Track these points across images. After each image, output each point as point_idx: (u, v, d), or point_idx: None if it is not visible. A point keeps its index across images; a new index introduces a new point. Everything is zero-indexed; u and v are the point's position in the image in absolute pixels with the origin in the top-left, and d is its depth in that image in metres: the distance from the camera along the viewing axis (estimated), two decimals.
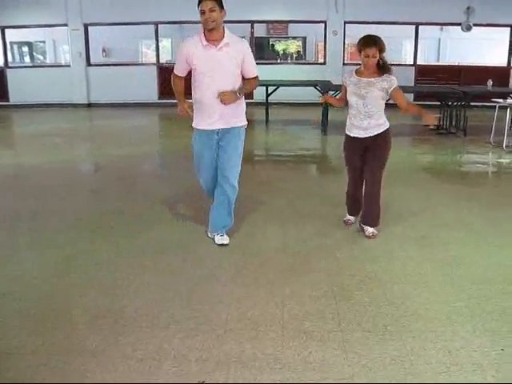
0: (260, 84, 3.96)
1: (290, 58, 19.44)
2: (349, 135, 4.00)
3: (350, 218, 4.30)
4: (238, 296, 3.06)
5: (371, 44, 3.66)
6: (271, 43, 19.89)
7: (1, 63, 13.27)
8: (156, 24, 12.98)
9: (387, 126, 3.91)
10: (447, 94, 9.23)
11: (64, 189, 5.55)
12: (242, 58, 3.58)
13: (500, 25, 12.81)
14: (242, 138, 3.77)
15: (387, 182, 4.12)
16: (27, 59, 19.24)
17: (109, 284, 3.23)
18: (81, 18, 12.64)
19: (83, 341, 2.58)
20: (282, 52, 19.91)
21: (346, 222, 4.29)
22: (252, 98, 10.07)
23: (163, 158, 7.77)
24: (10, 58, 14.39)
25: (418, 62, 13.59)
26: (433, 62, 18.71)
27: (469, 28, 12.52)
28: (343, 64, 12.81)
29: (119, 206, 4.86)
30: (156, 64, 13.50)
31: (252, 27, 13.15)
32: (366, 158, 3.93)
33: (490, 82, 9.05)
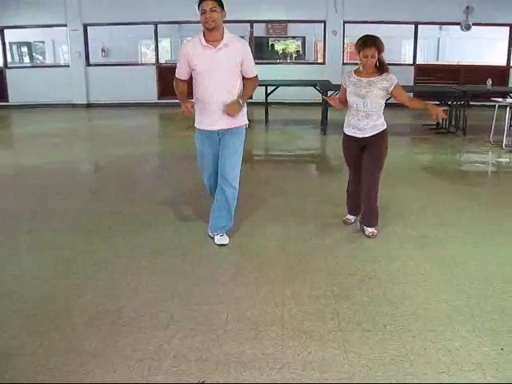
0: (259, 84, 3.98)
1: (289, 58, 19.45)
2: (346, 134, 4.02)
3: (350, 217, 4.30)
4: (237, 296, 3.06)
5: (370, 44, 3.67)
6: (270, 43, 19.89)
7: (0, 63, 13.25)
8: (155, 24, 12.96)
9: (384, 127, 3.92)
10: (447, 93, 9.23)
11: (63, 189, 5.55)
12: (242, 58, 3.60)
13: (499, 24, 12.81)
14: (242, 137, 3.77)
15: (387, 181, 4.12)
16: (26, 59, 19.26)
17: (107, 284, 3.23)
18: (80, 18, 12.62)
19: (82, 341, 2.58)
20: (282, 52, 19.92)
21: (345, 222, 4.29)
22: (251, 98, 10.02)
23: (162, 158, 7.76)
24: (9, 59, 14.41)
25: (418, 62, 13.59)
26: (432, 61, 18.71)
27: (468, 27, 12.51)
28: (342, 64, 12.79)
29: (118, 207, 4.86)
30: (155, 64, 13.49)
31: (251, 27, 13.13)
32: (363, 158, 3.94)
33: (490, 82, 9.05)
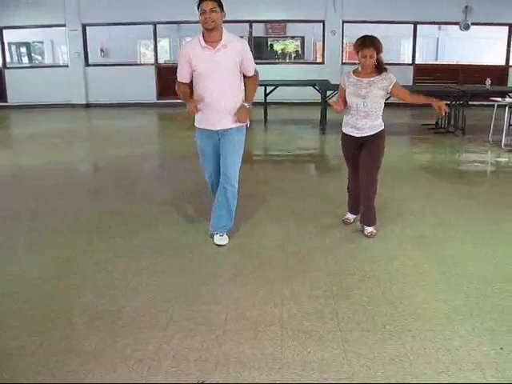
0: (258, 84, 3.98)
1: (288, 58, 19.45)
2: (344, 132, 4.04)
3: (349, 216, 4.31)
4: (236, 296, 3.06)
5: (369, 45, 3.67)
6: (269, 43, 19.90)
7: None
8: (154, 24, 12.94)
9: (382, 127, 3.93)
10: (446, 93, 9.23)
11: (63, 189, 5.55)
12: (241, 58, 3.61)
13: (498, 24, 12.81)
14: (242, 137, 3.79)
15: (386, 181, 4.13)
16: (25, 60, 19.24)
17: (107, 284, 3.23)
18: (79, 19, 12.61)
19: (82, 341, 2.58)
20: (281, 52, 19.92)
21: (344, 221, 4.30)
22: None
23: (162, 158, 7.75)
24: (8, 59, 14.39)
25: (417, 61, 13.61)
26: (431, 61, 18.72)
27: (467, 27, 12.52)
28: (341, 63, 12.81)
29: (118, 207, 4.86)
30: (154, 64, 13.47)
31: (250, 27, 13.12)
32: (360, 156, 3.95)
33: (489, 81, 9.05)
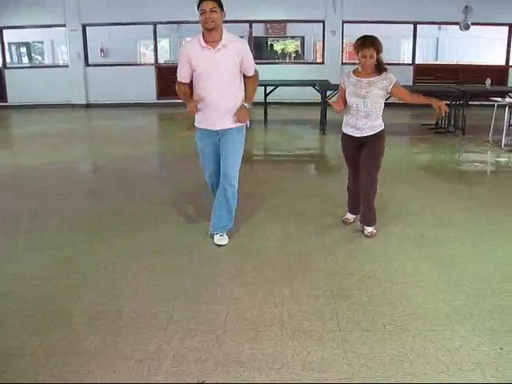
0: (258, 84, 3.97)
1: (288, 58, 19.46)
2: (344, 132, 4.04)
3: (349, 216, 4.31)
4: (236, 296, 3.06)
5: (369, 45, 3.67)
6: (269, 43, 19.90)
7: None
8: (154, 24, 12.94)
9: (382, 128, 3.93)
10: (446, 93, 9.23)
11: (63, 189, 5.55)
12: (241, 58, 3.62)
13: (498, 24, 12.81)
14: (242, 137, 3.79)
15: (386, 181, 4.12)
16: (25, 60, 19.25)
17: (107, 284, 3.23)
18: (79, 19, 12.62)
19: (82, 341, 2.58)
20: (281, 52, 19.92)
21: (344, 221, 4.30)
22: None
23: (162, 158, 7.75)
24: (8, 59, 14.39)
25: (417, 61, 13.61)
26: (431, 61, 18.72)
27: (467, 27, 12.51)
28: (341, 63, 12.81)
29: (118, 207, 4.86)
30: (154, 64, 13.47)
31: (250, 27, 13.12)
32: (360, 156, 3.95)
33: (489, 81, 9.05)
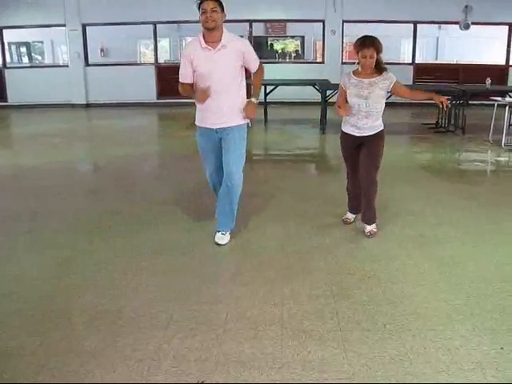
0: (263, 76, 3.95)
1: (288, 57, 19.46)
2: (344, 131, 4.03)
3: (349, 216, 4.31)
4: (237, 296, 3.06)
5: (368, 45, 3.67)
6: (269, 42, 19.91)
7: None
8: (154, 24, 12.93)
9: (381, 128, 3.94)
10: (446, 92, 9.21)
11: (63, 189, 5.55)
12: (243, 56, 3.64)
13: (498, 23, 12.80)
14: (243, 135, 3.79)
15: (386, 180, 4.12)
16: (25, 59, 19.26)
17: (107, 284, 3.23)
18: (79, 18, 12.61)
19: (82, 341, 2.58)
20: (281, 51, 19.93)
21: (344, 221, 4.29)
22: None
23: (162, 158, 7.75)
24: (8, 59, 14.38)
25: (417, 61, 13.61)
26: (431, 60, 18.72)
27: (467, 26, 12.51)
28: (341, 63, 12.79)
29: (118, 207, 4.85)
30: (154, 64, 13.46)
31: (250, 26, 13.12)
32: (360, 156, 3.95)
33: (489, 81, 9.05)
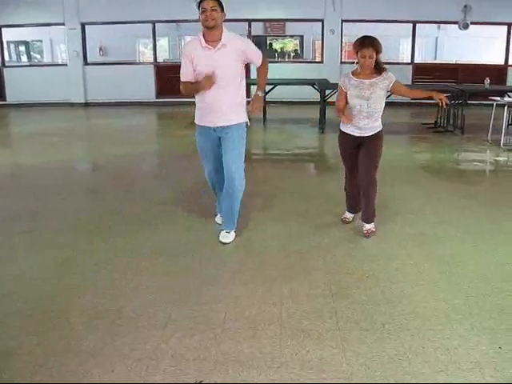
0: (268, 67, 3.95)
1: (287, 57, 19.47)
2: (343, 131, 4.02)
3: (348, 215, 4.31)
4: (235, 295, 3.06)
5: (368, 45, 3.67)
6: (269, 42, 19.91)
7: None
8: (153, 23, 12.92)
9: (380, 128, 3.94)
10: (445, 92, 9.19)
11: (62, 188, 5.53)
12: (244, 54, 3.67)
13: (497, 23, 12.80)
14: (242, 134, 3.79)
15: (385, 180, 4.12)
16: (24, 58, 19.25)
17: (107, 284, 3.22)
18: (78, 17, 12.59)
19: (81, 341, 2.58)
20: (280, 50, 19.94)
21: (343, 221, 4.29)
22: (249, 97, 10.05)
23: (161, 157, 7.74)
24: (6, 57, 14.36)
25: (416, 61, 13.62)
26: (430, 60, 18.74)
27: (466, 26, 12.51)
28: (340, 62, 12.78)
29: (118, 207, 4.85)
30: (153, 63, 13.45)
31: (249, 26, 13.10)
32: (359, 155, 3.95)
33: (488, 80, 9.05)
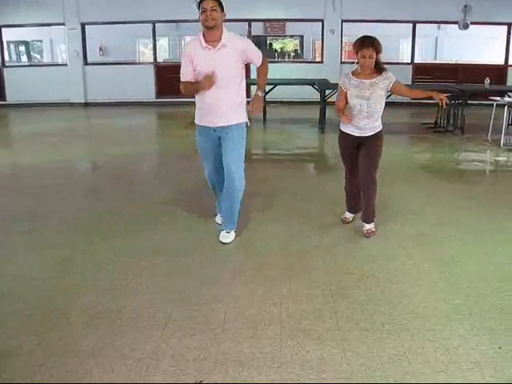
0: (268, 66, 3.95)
1: (287, 57, 19.47)
2: (343, 131, 4.02)
3: (348, 215, 4.31)
4: (235, 295, 3.06)
5: (368, 45, 3.67)
6: (269, 42, 19.91)
7: None
8: (153, 23, 12.92)
9: (380, 128, 3.94)
10: (445, 92, 9.19)
11: (62, 188, 5.53)
12: (244, 54, 3.67)
13: (497, 23, 12.80)
14: (242, 134, 3.79)
15: (385, 180, 4.12)
16: (24, 58, 19.25)
17: (107, 284, 3.23)
18: (78, 17, 12.60)
19: (81, 341, 2.58)
20: (280, 50, 19.94)
21: (343, 220, 4.29)
22: (249, 97, 10.04)
23: (161, 157, 7.74)
24: (6, 57, 14.37)
25: (416, 61, 13.62)
26: (430, 60, 18.73)
27: (466, 26, 12.51)
28: (340, 62, 12.78)
29: (117, 206, 4.85)
30: (153, 63, 13.45)
31: (249, 26, 13.10)
32: (359, 156, 3.95)
33: (488, 80, 9.05)
